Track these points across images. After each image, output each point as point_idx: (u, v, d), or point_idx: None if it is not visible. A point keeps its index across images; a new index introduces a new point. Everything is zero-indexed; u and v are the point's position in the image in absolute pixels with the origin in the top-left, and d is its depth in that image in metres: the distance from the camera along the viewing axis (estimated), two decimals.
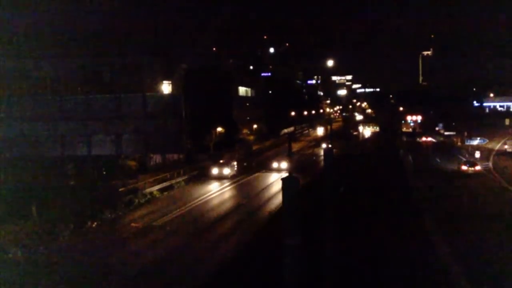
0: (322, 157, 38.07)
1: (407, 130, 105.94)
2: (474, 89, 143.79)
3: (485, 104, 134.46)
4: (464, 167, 50.93)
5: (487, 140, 78.76)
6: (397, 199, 34.92)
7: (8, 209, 29.66)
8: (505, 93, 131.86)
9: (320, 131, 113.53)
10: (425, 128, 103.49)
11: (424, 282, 19.25)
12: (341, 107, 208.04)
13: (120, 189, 36.91)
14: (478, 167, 50.91)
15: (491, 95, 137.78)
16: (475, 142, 76.60)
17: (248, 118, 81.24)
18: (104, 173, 40.96)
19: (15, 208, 29.86)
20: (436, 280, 19.44)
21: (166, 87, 55.68)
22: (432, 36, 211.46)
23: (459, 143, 78.77)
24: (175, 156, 52.50)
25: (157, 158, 50.64)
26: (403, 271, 20.02)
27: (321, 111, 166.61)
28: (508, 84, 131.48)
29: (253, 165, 56.18)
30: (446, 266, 21.17)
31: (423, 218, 29.66)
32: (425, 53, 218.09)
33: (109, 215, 31.48)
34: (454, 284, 19.46)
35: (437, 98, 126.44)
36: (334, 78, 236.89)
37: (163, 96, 39.52)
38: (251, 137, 79.13)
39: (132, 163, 44.66)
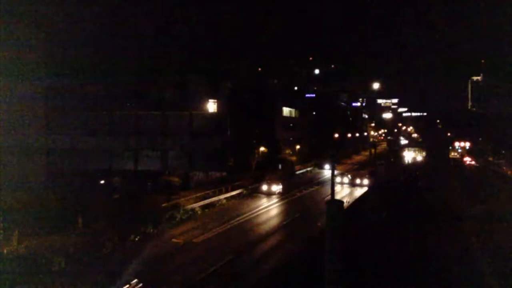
0: None
1: (454, 156, 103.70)
2: None
3: None
4: None
5: None
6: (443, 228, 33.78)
7: (55, 219, 30.59)
8: None
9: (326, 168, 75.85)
10: (474, 155, 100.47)
11: None
12: (385, 130, 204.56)
13: (163, 204, 37.47)
14: None
15: None
16: None
17: (291, 138, 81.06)
18: (149, 187, 41.75)
19: (62, 219, 30.78)
20: None
21: (211, 105, 56.46)
22: (483, 61, 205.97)
23: (509, 172, 75.64)
24: (217, 174, 52.92)
25: (199, 175, 51.19)
26: None
27: (366, 134, 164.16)
28: None
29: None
30: None
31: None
32: (475, 78, 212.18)
33: (151, 230, 31.86)
34: None
35: (486, 125, 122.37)
36: (379, 101, 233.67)
37: (209, 115, 39.99)
38: (294, 158, 78.76)
39: (176, 179, 45.31)
